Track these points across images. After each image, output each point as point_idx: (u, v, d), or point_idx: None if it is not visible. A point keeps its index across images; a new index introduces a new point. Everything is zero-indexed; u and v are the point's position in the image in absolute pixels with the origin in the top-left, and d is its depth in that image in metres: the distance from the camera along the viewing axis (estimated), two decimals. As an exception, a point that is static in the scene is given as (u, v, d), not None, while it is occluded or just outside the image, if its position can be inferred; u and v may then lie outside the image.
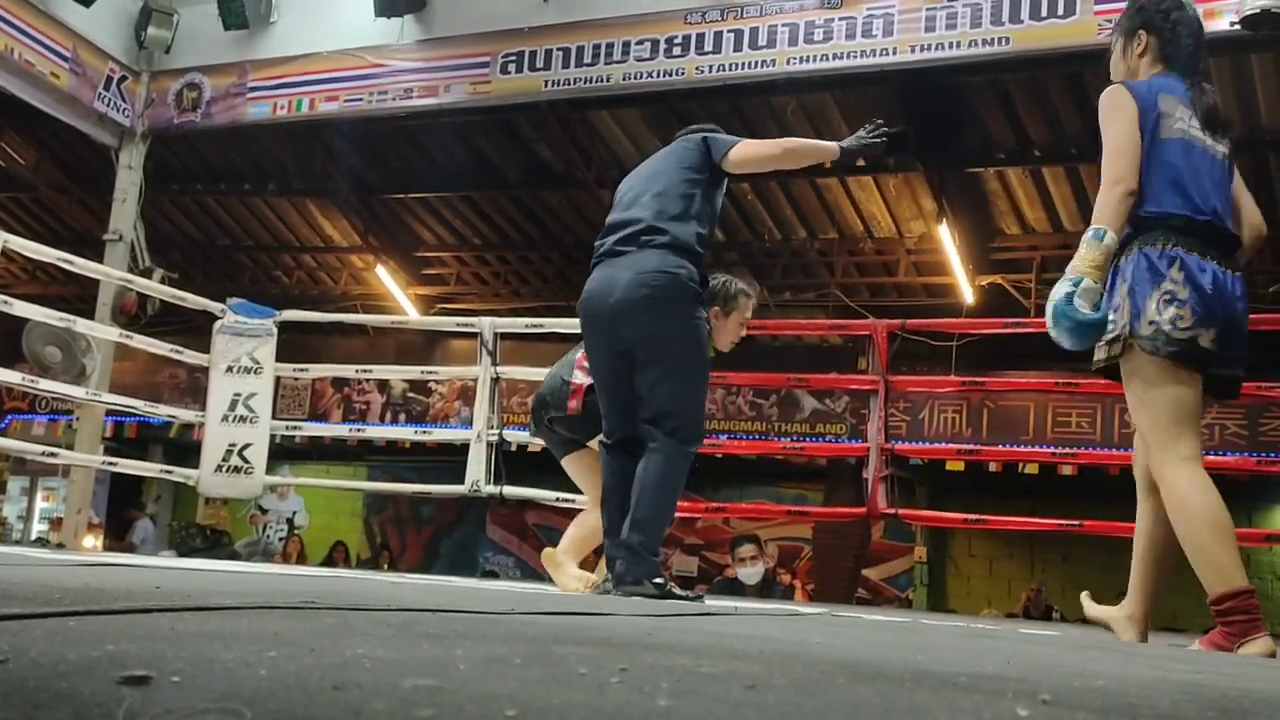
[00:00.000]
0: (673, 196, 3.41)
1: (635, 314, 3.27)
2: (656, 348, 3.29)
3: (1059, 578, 12.46)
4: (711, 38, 7.36)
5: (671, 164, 3.51)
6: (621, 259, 3.36)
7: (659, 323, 3.27)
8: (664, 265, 3.29)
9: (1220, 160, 2.84)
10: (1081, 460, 9.24)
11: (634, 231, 3.37)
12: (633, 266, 3.31)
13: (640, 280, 3.27)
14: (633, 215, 3.42)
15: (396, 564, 13.73)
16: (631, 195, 3.52)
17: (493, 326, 6.80)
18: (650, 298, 3.26)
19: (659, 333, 3.28)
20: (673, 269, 3.29)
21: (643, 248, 3.33)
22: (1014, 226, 10.69)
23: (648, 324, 3.28)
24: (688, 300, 3.30)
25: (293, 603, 1.24)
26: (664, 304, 3.26)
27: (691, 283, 3.31)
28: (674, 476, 3.29)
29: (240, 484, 6.95)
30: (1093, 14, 6.42)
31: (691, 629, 1.44)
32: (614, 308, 3.31)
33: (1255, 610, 2.60)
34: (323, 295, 13.44)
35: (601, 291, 3.37)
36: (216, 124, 8.63)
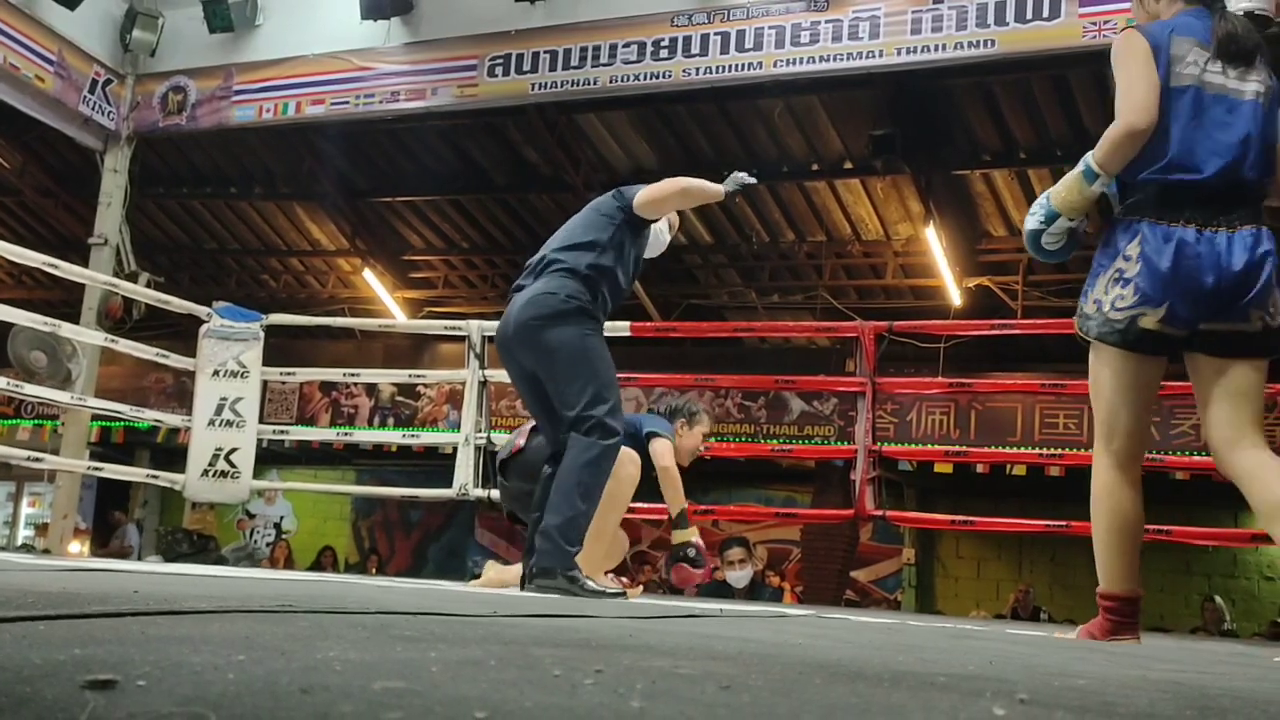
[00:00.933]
0: (574, 230, 3.78)
1: (523, 337, 3.61)
2: (546, 362, 3.59)
3: (1047, 579, 12.49)
4: (698, 40, 7.37)
5: (584, 212, 3.88)
6: (520, 293, 3.71)
7: (540, 340, 3.58)
8: (546, 288, 3.61)
9: (1248, 102, 2.59)
10: (1068, 461, 9.25)
11: (532, 265, 3.76)
12: (523, 297, 3.65)
13: (525, 306, 3.61)
14: (536, 255, 3.80)
15: (385, 568, 13.69)
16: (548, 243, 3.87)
17: (480, 330, 6.79)
18: (532, 319, 3.58)
19: (543, 348, 3.58)
20: (553, 290, 3.60)
21: (536, 277, 3.69)
22: (1000, 228, 10.71)
23: (532, 343, 3.60)
24: (564, 314, 3.58)
25: (268, 606, 1.23)
26: (542, 321, 3.57)
27: (570, 298, 3.59)
28: (588, 467, 3.49)
29: (227, 489, 6.92)
30: (1077, 16, 6.45)
31: (673, 630, 1.43)
32: (510, 337, 3.67)
33: (1133, 616, 2.60)
34: (310, 299, 13.40)
35: (503, 323, 3.74)
36: (202, 127, 8.60)
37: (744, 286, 12.01)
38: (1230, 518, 11.44)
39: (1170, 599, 11.97)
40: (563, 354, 3.56)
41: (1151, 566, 11.96)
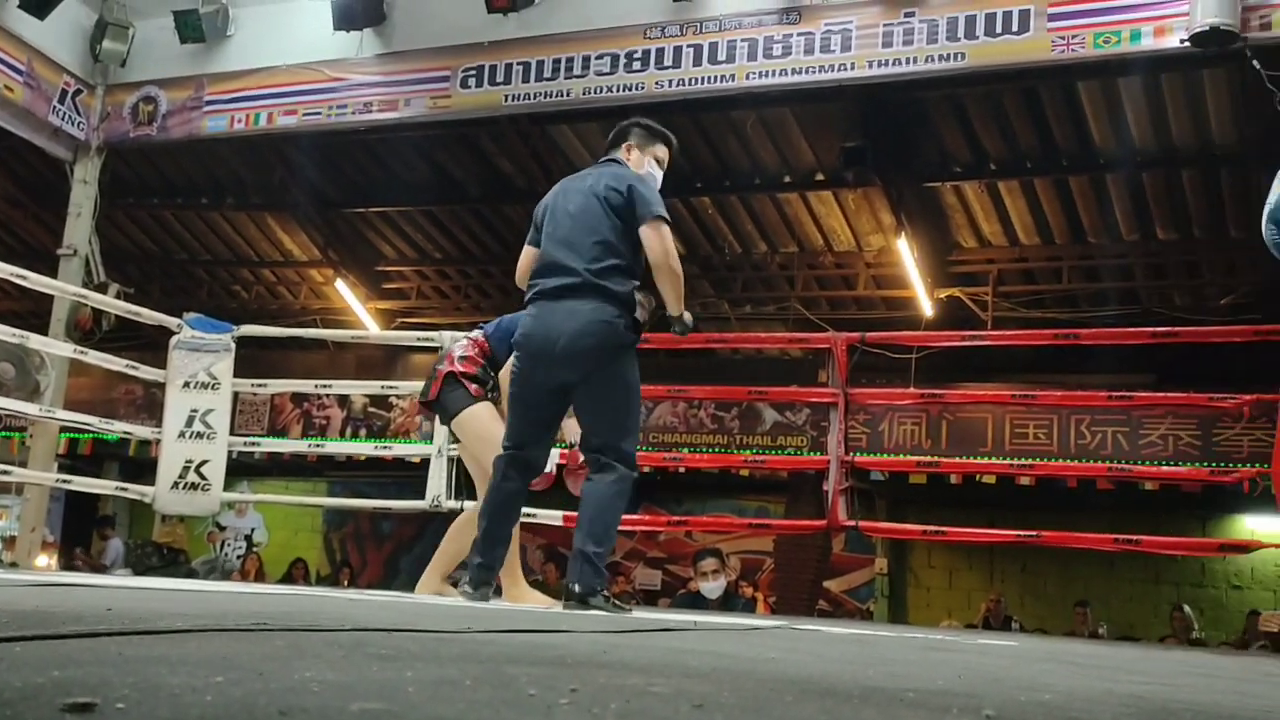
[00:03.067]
0: (606, 245, 3.75)
1: (579, 359, 3.67)
2: (599, 391, 3.72)
3: (1018, 588, 12.56)
4: (671, 52, 7.40)
5: (600, 209, 3.80)
6: (563, 304, 3.72)
7: (602, 367, 3.69)
8: (603, 316, 3.69)
9: None
10: (1039, 471, 9.33)
11: (573, 283, 3.73)
12: (576, 319, 3.68)
13: (584, 331, 3.67)
14: (570, 264, 3.75)
15: (357, 580, 13.61)
16: (562, 234, 3.83)
17: (454, 340, 6.78)
18: (594, 347, 3.67)
19: (601, 375, 3.70)
20: (610, 320, 3.69)
21: (584, 297, 3.70)
22: (971, 240, 10.80)
23: (592, 366, 3.69)
24: (625, 347, 3.72)
25: (244, 624, 1.24)
26: (605, 351, 3.68)
27: (628, 330, 3.72)
28: (620, 498, 3.69)
29: (197, 501, 6.88)
30: (1046, 31, 6.52)
31: (647, 646, 1.44)
32: (561, 351, 3.68)
33: None
34: (282, 310, 13.33)
35: (545, 334, 3.73)
36: (173, 137, 8.55)
37: (716, 297, 12.04)
38: (1199, 527, 11.57)
39: (1139, 608, 12.07)
40: (619, 387, 3.73)
41: (1121, 575, 12.07)
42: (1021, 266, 10.98)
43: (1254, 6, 5.94)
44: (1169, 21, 6.22)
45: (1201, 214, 9.78)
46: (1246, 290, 10.14)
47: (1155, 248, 10.32)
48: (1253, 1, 5.94)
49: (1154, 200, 9.73)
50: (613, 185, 3.83)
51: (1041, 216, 10.26)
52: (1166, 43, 6.25)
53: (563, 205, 3.91)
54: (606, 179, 3.88)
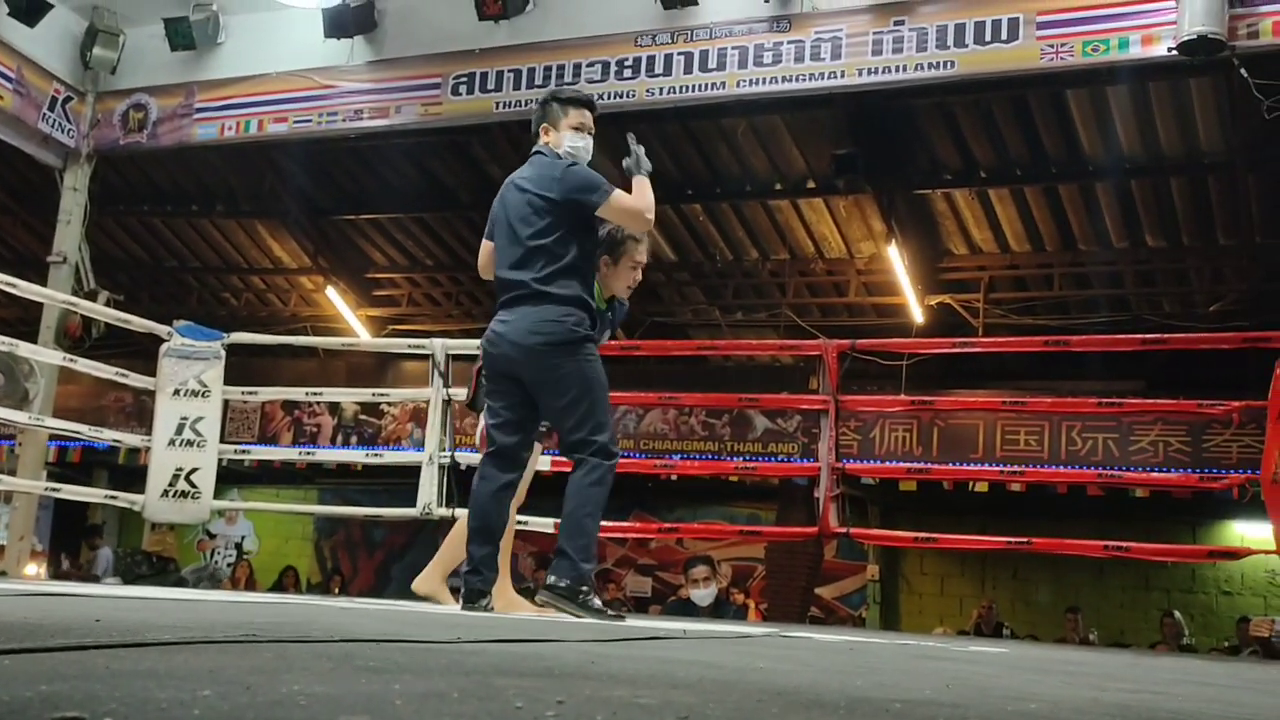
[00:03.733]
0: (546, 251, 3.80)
1: (530, 356, 3.74)
2: (559, 385, 3.74)
3: (1009, 594, 12.58)
4: (662, 60, 7.42)
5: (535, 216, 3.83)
6: (516, 310, 3.80)
7: (555, 364, 3.73)
8: (550, 315, 3.74)
9: None
10: (1029, 478, 9.34)
11: (521, 293, 3.80)
12: (526, 317, 3.76)
13: (532, 329, 3.74)
14: (517, 275, 3.82)
15: (348, 588, 13.58)
16: (505, 244, 3.89)
17: (444, 348, 6.78)
18: (543, 343, 3.73)
19: (557, 373, 3.73)
20: (559, 318, 3.74)
21: (532, 303, 3.77)
22: (961, 247, 10.83)
23: (545, 364, 3.74)
24: (575, 342, 3.74)
25: (232, 636, 1.24)
26: (555, 347, 3.72)
27: (576, 326, 3.75)
28: (595, 488, 3.72)
29: (187, 509, 6.86)
30: (1035, 39, 6.55)
31: (635, 656, 1.44)
32: (513, 352, 3.77)
33: None
34: (272, 317, 13.31)
35: (500, 337, 3.82)
36: (163, 145, 8.55)
37: (708, 304, 12.05)
38: (1189, 533, 11.59)
39: (1130, 614, 12.09)
40: (576, 382, 3.74)
41: (1112, 582, 12.09)
42: (1012, 274, 11.01)
43: (1241, 15, 5.98)
44: (1157, 30, 6.26)
45: (1190, 221, 9.82)
46: (1234, 297, 10.18)
47: (1144, 255, 10.36)
48: (1240, 10, 5.98)
49: (1143, 208, 9.77)
50: (542, 190, 3.85)
51: (1032, 224, 10.29)
52: (1154, 51, 6.29)
53: (503, 215, 3.95)
54: (536, 182, 3.88)
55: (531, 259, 3.80)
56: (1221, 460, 9.63)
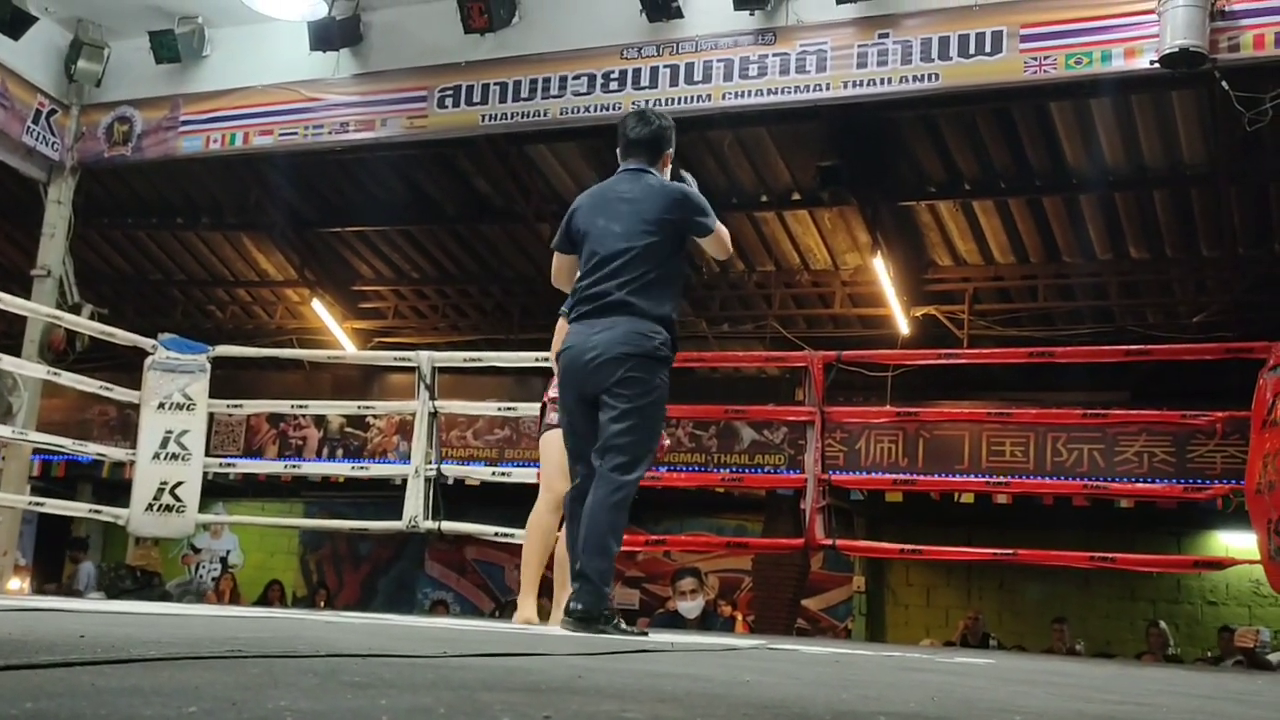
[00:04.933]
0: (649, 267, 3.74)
1: (612, 365, 3.66)
2: (630, 392, 3.67)
3: (995, 605, 12.60)
4: (648, 73, 7.44)
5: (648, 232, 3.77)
6: (603, 320, 3.73)
7: (635, 374, 3.67)
8: (640, 329, 3.69)
9: None
10: (1015, 490, 9.36)
11: (613, 301, 3.73)
12: (614, 327, 3.69)
13: (621, 339, 3.68)
14: (612, 284, 3.74)
15: (333, 602, 13.52)
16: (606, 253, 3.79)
17: (430, 361, 6.78)
18: (629, 353, 3.67)
19: (633, 382, 3.67)
20: (649, 332, 3.70)
21: (623, 314, 3.71)
22: (946, 258, 10.86)
23: (624, 372, 3.66)
24: (660, 360, 3.72)
25: (218, 652, 1.23)
26: (638, 359, 3.67)
27: (663, 345, 3.73)
28: (616, 509, 3.61)
29: (172, 523, 6.84)
30: (1018, 52, 6.59)
31: (623, 669, 1.44)
32: (594, 360, 3.69)
33: None
34: (257, 330, 13.27)
35: (582, 347, 3.74)
36: (148, 158, 8.53)
37: (694, 316, 12.06)
38: (1174, 544, 11.63)
39: (1116, 624, 12.12)
40: (649, 398, 3.70)
41: (1097, 592, 12.12)
42: (997, 285, 11.05)
43: (1222, 29, 6.03)
44: (1139, 43, 6.31)
45: (1173, 233, 9.88)
46: (1218, 307, 10.24)
47: (1128, 266, 10.42)
48: (1221, 24, 6.02)
49: (1126, 219, 9.83)
50: (664, 212, 3.80)
51: (1016, 235, 10.34)
52: (1137, 64, 6.34)
53: (604, 225, 3.83)
54: (656, 201, 3.82)
55: (631, 268, 3.73)
56: (1206, 471, 9.68)
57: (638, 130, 3.95)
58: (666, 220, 3.78)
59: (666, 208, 3.79)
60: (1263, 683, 3.74)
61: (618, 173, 3.98)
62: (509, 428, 11.97)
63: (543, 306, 12.16)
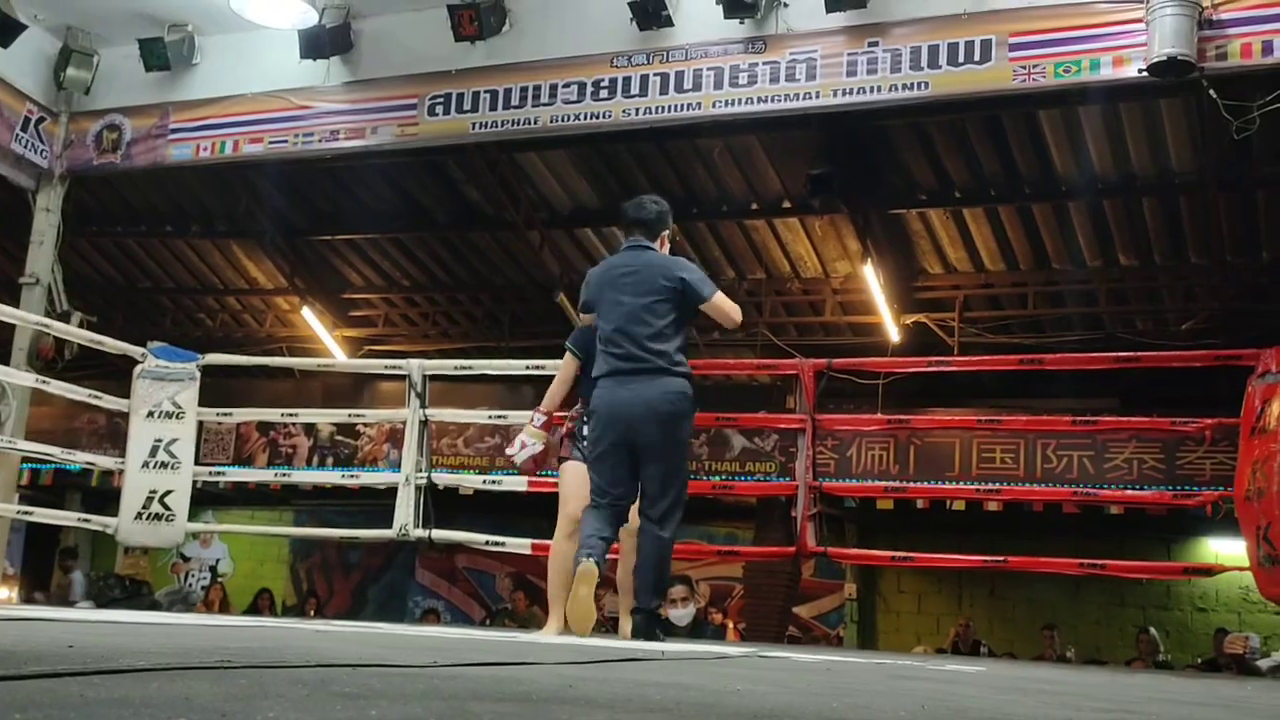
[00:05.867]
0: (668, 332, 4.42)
1: (657, 423, 4.36)
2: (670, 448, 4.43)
3: (986, 612, 12.61)
4: (638, 81, 7.44)
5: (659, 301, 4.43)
6: (639, 379, 4.38)
7: (674, 431, 4.41)
8: (681, 389, 4.41)
9: None
10: (1005, 497, 9.38)
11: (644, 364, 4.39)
12: (652, 386, 4.36)
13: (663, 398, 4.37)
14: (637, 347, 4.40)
15: (323, 610, 13.49)
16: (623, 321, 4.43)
17: (421, 369, 6.78)
18: (671, 413, 4.37)
19: (673, 438, 4.42)
20: (685, 391, 4.42)
21: (657, 374, 4.38)
22: (937, 266, 10.88)
23: (668, 429, 4.38)
24: (690, 416, 4.47)
25: (207, 662, 1.23)
26: (678, 418, 4.41)
27: (692, 401, 4.44)
28: (672, 547, 4.54)
29: (161, 532, 6.82)
30: (1007, 61, 6.61)
31: (611, 679, 1.44)
32: (640, 416, 4.36)
33: None
34: (247, 338, 13.24)
35: (628, 401, 4.39)
36: (137, 166, 8.50)
37: (685, 323, 12.07)
38: (1163, 550, 11.66)
39: (1106, 630, 12.14)
40: (683, 450, 4.53)
41: (1088, 599, 12.15)
42: (987, 292, 11.07)
43: (1210, 37, 6.05)
44: (1127, 51, 6.33)
45: (1161, 240, 9.91)
46: (1206, 315, 10.27)
47: (1117, 273, 10.45)
48: (1209, 32, 6.05)
49: (1115, 227, 9.86)
50: (666, 282, 4.44)
51: (1006, 243, 10.36)
52: (1125, 72, 6.36)
53: (612, 297, 4.49)
54: (657, 274, 4.46)
55: (653, 334, 4.39)
56: (1195, 477, 9.71)
57: (637, 214, 4.68)
58: (668, 287, 4.42)
59: (667, 276, 4.43)
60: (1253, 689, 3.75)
61: (622, 249, 4.67)
62: (500, 435, 11.95)
63: (533, 314, 12.18)
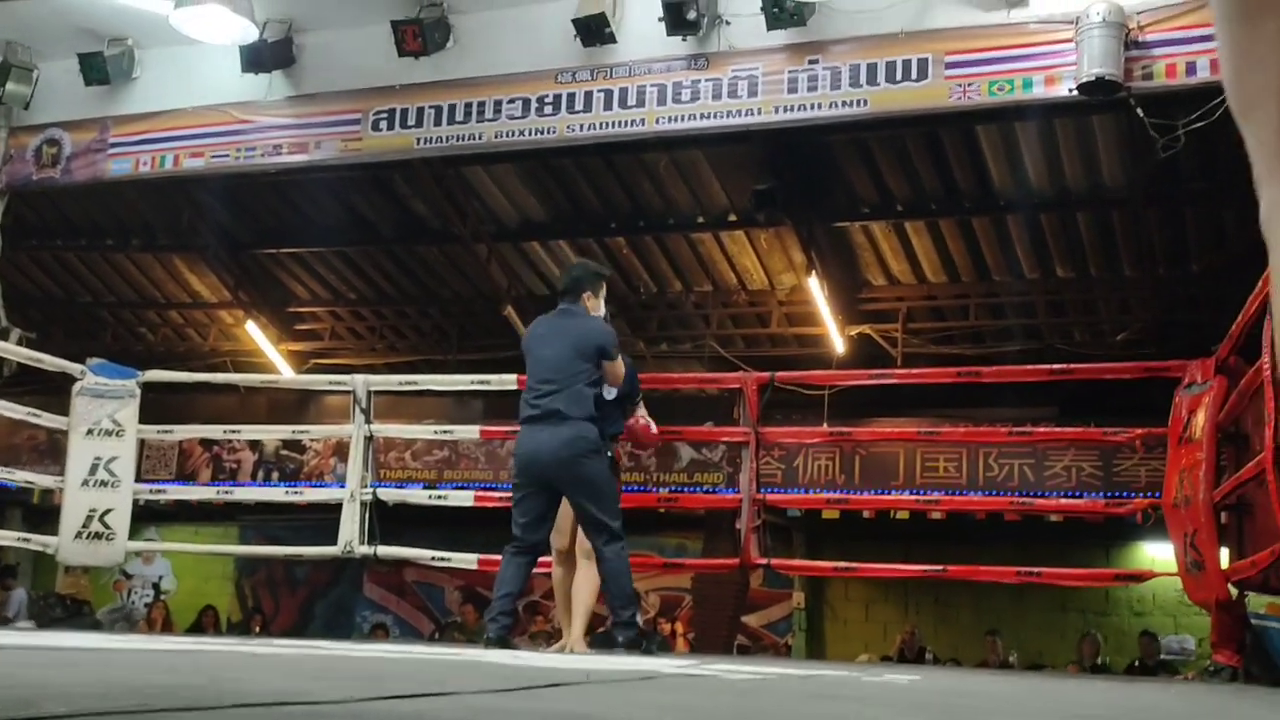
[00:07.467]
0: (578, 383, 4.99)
1: (565, 465, 4.91)
2: (586, 485, 4.95)
3: (932, 619, 12.75)
4: (582, 97, 7.49)
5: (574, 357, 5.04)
6: (548, 427, 4.94)
7: (583, 470, 4.92)
8: (581, 432, 4.93)
9: None
10: (946, 507, 9.52)
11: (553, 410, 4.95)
12: (558, 434, 4.91)
13: (566, 443, 4.90)
14: (550, 397, 4.96)
15: (270, 627, 13.36)
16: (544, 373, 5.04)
17: (366, 384, 6.77)
18: (575, 455, 4.91)
19: (585, 476, 4.94)
20: (587, 434, 4.94)
21: (564, 422, 4.92)
22: (880, 278, 11.03)
23: (576, 470, 4.92)
24: (597, 452, 4.98)
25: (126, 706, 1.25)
26: (584, 457, 4.93)
27: (596, 439, 4.97)
28: (625, 558, 4.96)
29: (101, 551, 6.76)
30: (943, 79, 6.74)
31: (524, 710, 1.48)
32: (550, 460, 4.92)
33: None
34: (190, 352, 13.12)
35: (537, 448, 4.97)
36: (76, 180, 8.42)
37: (632, 336, 12.12)
38: (1102, 555, 11.87)
39: (1048, 635, 12.33)
40: (601, 482, 4.98)
41: (1030, 604, 12.32)
42: (930, 304, 11.24)
43: (1136, 58, 6.21)
44: (1059, 70, 6.48)
45: (1096, 253, 10.12)
46: (1140, 326, 10.50)
47: (1054, 285, 10.65)
48: (1135, 53, 6.21)
49: (1052, 240, 10.06)
50: (582, 344, 5.05)
51: (947, 255, 10.53)
52: (1057, 91, 6.51)
53: (539, 349, 5.12)
54: (577, 335, 5.09)
55: (564, 383, 4.96)
56: (1131, 484, 9.90)
57: (563, 281, 5.50)
58: (584, 352, 5.05)
59: (583, 342, 5.07)
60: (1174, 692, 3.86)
61: (557, 309, 5.31)
62: (448, 448, 11.94)
63: (481, 327, 12.19)
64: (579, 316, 5.22)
